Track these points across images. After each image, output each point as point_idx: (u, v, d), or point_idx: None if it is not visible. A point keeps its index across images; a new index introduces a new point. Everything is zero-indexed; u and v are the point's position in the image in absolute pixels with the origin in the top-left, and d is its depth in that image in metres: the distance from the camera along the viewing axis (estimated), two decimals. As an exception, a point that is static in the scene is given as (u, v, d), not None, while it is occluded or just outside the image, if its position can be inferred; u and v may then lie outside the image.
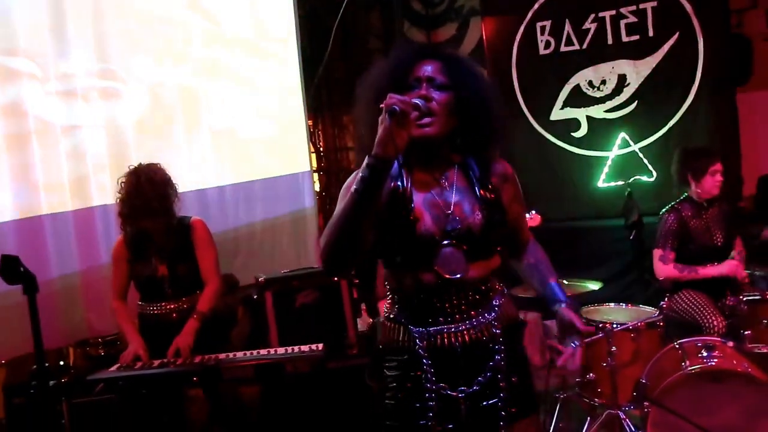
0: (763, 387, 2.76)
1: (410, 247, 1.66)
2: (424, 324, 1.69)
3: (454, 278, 1.65)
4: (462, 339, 1.68)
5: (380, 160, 1.51)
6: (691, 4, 4.94)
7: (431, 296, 1.68)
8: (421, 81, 1.67)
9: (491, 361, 1.69)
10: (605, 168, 5.27)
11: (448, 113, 1.66)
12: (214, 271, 3.12)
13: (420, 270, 1.67)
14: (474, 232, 1.67)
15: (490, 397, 1.69)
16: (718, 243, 3.66)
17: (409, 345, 1.70)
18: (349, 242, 1.58)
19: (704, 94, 4.98)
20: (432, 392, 1.67)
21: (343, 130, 6.60)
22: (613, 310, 3.61)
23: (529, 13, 5.44)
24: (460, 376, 1.68)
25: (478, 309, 1.70)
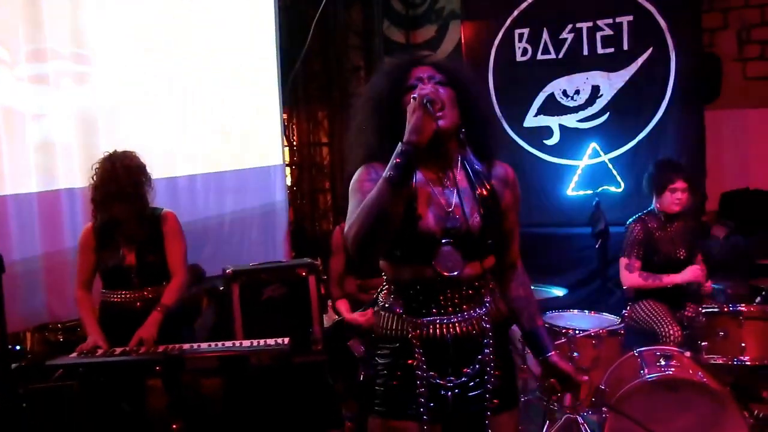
0: (717, 397, 2.84)
1: (411, 242, 1.71)
2: (418, 315, 1.75)
3: (451, 276, 1.72)
4: (453, 331, 1.75)
5: (414, 146, 1.57)
6: (666, 22, 5.04)
7: (427, 289, 1.75)
8: (422, 80, 1.73)
9: (480, 354, 1.76)
10: (575, 177, 5.35)
11: (452, 106, 1.71)
12: (181, 264, 3.09)
13: (418, 265, 1.73)
14: (472, 233, 1.73)
15: (476, 389, 1.76)
16: (681, 256, 3.74)
17: (403, 334, 1.76)
18: (382, 228, 1.62)
19: (674, 109, 5.09)
20: (422, 380, 1.73)
21: (317, 126, 6.58)
22: (576, 317, 3.67)
23: (508, 20, 5.49)
24: (450, 367, 1.75)
25: (471, 304, 1.77)
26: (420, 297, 1.76)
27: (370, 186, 1.68)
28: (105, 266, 3.04)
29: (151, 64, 4.17)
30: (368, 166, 1.78)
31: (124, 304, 3.02)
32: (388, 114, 1.74)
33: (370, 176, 1.74)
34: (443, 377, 1.75)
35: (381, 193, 1.59)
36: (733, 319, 3.27)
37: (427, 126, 1.59)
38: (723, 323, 3.30)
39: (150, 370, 2.76)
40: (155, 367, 2.73)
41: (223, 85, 4.71)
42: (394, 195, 1.59)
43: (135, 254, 3.02)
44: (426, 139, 1.59)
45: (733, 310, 3.31)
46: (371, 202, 1.61)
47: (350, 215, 1.70)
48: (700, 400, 2.85)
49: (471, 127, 1.76)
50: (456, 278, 1.73)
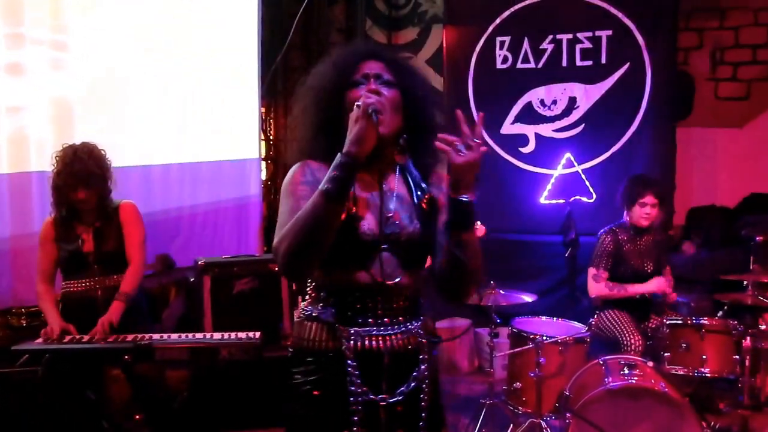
0: (676, 407, 2.91)
1: (348, 246, 1.59)
2: (352, 324, 1.62)
3: (390, 283, 1.61)
4: (390, 344, 1.63)
5: (354, 157, 1.48)
6: (644, 38, 5.14)
7: (364, 297, 1.62)
8: (369, 77, 1.63)
9: (416, 371, 1.66)
10: (548, 185, 5.42)
11: (395, 111, 1.61)
12: (138, 249, 3.07)
13: (355, 270, 1.61)
14: (413, 240, 1.64)
15: (410, 408, 1.65)
16: (648, 270, 3.83)
17: (334, 345, 1.62)
18: (317, 245, 1.51)
19: (647, 124, 5.19)
20: (356, 396, 1.60)
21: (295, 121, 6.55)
22: (544, 323, 3.73)
23: (490, 27, 5.54)
24: (384, 383, 1.63)
25: (407, 316, 1.67)
26: (356, 305, 1.62)
27: (303, 190, 1.59)
28: (64, 252, 3.01)
29: (128, 53, 4.10)
30: (303, 164, 1.67)
31: (85, 293, 2.99)
32: (328, 108, 1.64)
33: (305, 178, 1.63)
34: (376, 394, 1.61)
35: (316, 206, 1.47)
36: (695, 332, 3.37)
37: (369, 137, 1.49)
38: (685, 335, 3.40)
39: (118, 358, 2.73)
40: (124, 356, 2.70)
41: (202, 76, 4.67)
42: (331, 209, 1.47)
43: (93, 240, 3.01)
44: (368, 151, 1.50)
45: (695, 323, 3.40)
46: (305, 216, 1.48)
47: (280, 223, 1.58)
48: (661, 409, 2.92)
49: (414, 132, 1.66)
50: (394, 287, 1.62)
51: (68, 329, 2.83)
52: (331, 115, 1.62)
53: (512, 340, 3.52)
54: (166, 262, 4.36)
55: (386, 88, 1.62)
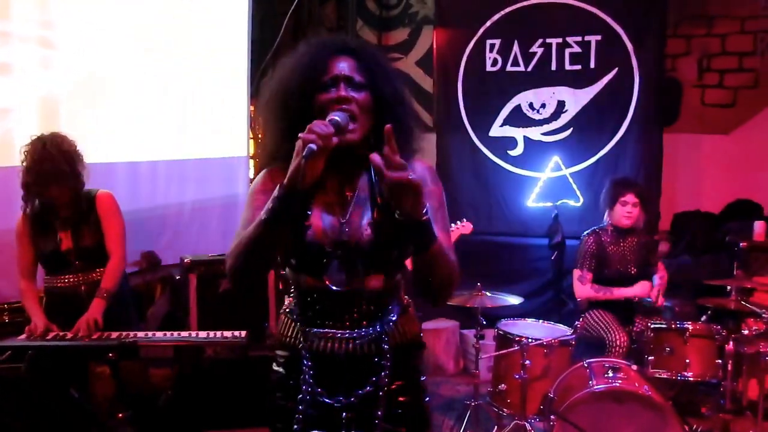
0: (659, 410, 2.94)
1: (299, 252, 1.59)
2: (312, 325, 1.63)
3: (339, 290, 1.59)
4: (346, 347, 1.61)
5: (291, 194, 1.43)
6: (632, 44, 5.18)
7: (323, 300, 1.61)
8: (338, 80, 1.56)
9: (375, 376, 1.61)
10: (536, 188, 5.45)
11: (366, 114, 1.56)
12: (118, 243, 3.01)
13: (310, 275, 1.61)
14: (362, 246, 1.58)
15: (369, 412, 1.61)
16: (632, 271, 3.86)
17: (295, 343, 1.65)
18: (257, 265, 1.55)
19: (634, 129, 5.23)
20: (308, 395, 1.61)
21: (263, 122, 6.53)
22: (529, 326, 3.74)
23: (481, 30, 5.55)
24: (341, 385, 1.62)
25: (371, 320, 1.62)
26: (316, 306, 1.62)
27: (259, 200, 1.55)
28: (42, 252, 2.97)
29: (116, 50, 4.08)
30: (269, 171, 1.64)
31: (67, 288, 2.96)
32: (295, 111, 1.55)
33: (265, 187, 1.59)
34: (332, 396, 1.61)
35: (257, 232, 1.47)
36: (679, 336, 3.39)
37: (309, 172, 1.43)
38: (669, 339, 3.42)
39: (102, 356, 2.71)
40: (108, 354, 2.68)
41: (190, 74, 4.64)
42: (270, 236, 1.47)
43: (71, 237, 2.95)
44: (309, 185, 1.45)
45: (679, 327, 3.43)
46: (247, 240, 1.49)
47: (237, 232, 1.59)
48: (644, 412, 2.95)
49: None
50: (351, 292, 1.59)
51: (51, 328, 2.80)
52: (299, 119, 1.51)
53: (498, 342, 3.53)
54: (152, 260, 4.34)
55: (356, 91, 1.56)
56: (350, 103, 1.53)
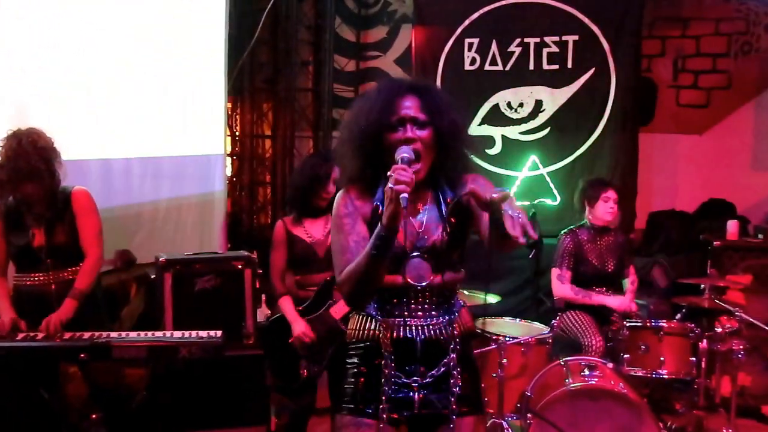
0: (635, 408, 2.96)
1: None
2: (391, 316, 1.90)
3: (419, 285, 1.88)
4: (422, 334, 1.89)
5: (389, 230, 1.72)
6: (609, 44, 5.22)
7: (400, 295, 1.90)
8: (405, 121, 1.84)
9: (446, 357, 1.89)
10: (514, 187, 5.46)
11: (429, 150, 1.85)
12: (94, 241, 2.96)
13: (391, 274, 1.86)
14: (437, 247, 1.88)
15: (441, 392, 1.88)
16: (609, 269, 3.90)
17: (374, 334, 1.91)
18: (371, 287, 1.84)
19: (611, 129, 5.27)
20: (389, 378, 1.86)
21: (261, 117, 6.49)
22: (507, 324, 3.76)
23: (459, 29, 5.55)
24: (417, 368, 1.88)
25: (440, 311, 1.92)
26: (393, 300, 1.91)
27: (347, 224, 1.89)
28: (14, 248, 2.91)
29: (90, 45, 4.00)
30: (345, 194, 1.94)
31: (37, 287, 2.90)
32: (369, 146, 1.86)
33: (347, 209, 1.91)
34: (409, 377, 1.88)
35: (367, 264, 1.76)
36: (654, 334, 3.43)
37: (400, 215, 1.71)
38: (644, 337, 3.46)
39: (74, 357, 2.66)
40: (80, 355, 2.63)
41: (167, 70, 4.58)
42: (377, 265, 1.76)
43: (44, 234, 2.89)
44: (400, 223, 1.73)
45: (654, 325, 3.47)
46: (359, 270, 1.79)
47: (335, 260, 1.90)
48: (620, 410, 2.97)
49: (446, 162, 1.89)
50: (425, 287, 1.89)
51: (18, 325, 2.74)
52: (371, 152, 1.86)
53: (476, 341, 3.53)
54: (127, 259, 4.28)
55: (420, 129, 1.84)
56: (416, 143, 1.82)
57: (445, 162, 1.90)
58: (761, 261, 4.14)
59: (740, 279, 4.08)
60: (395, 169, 1.71)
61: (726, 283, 3.94)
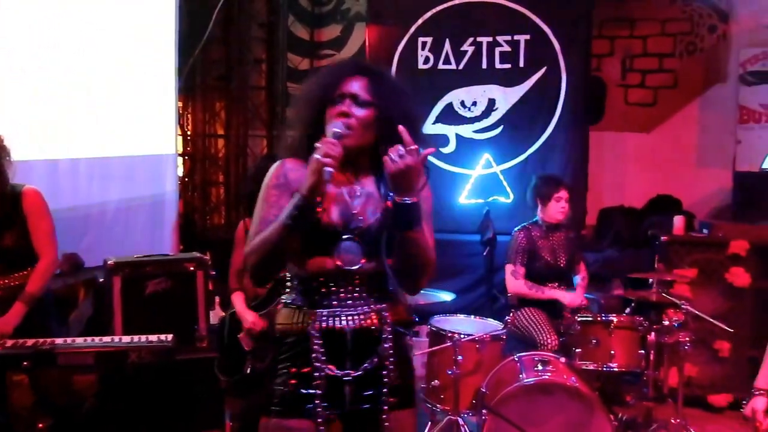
0: (586, 401, 3.02)
1: (314, 236, 1.80)
2: (319, 307, 1.82)
3: (351, 268, 1.81)
4: (352, 323, 1.81)
5: (308, 200, 1.70)
6: (560, 44, 5.31)
7: (328, 281, 1.82)
8: (345, 97, 1.82)
9: (378, 348, 1.82)
10: (468, 185, 5.51)
11: (366, 128, 1.81)
12: (47, 243, 2.86)
13: (320, 257, 1.81)
14: (372, 230, 1.83)
15: (374, 384, 1.82)
16: (561, 264, 3.97)
17: (303, 326, 1.82)
18: (278, 261, 1.81)
19: (562, 127, 5.36)
20: (320, 371, 1.78)
21: (214, 117, 6.40)
22: (461, 321, 3.77)
23: (413, 27, 5.57)
24: (348, 359, 1.81)
25: (371, 299, 1.84)
26: (321, 289, 1.83)
27: (273, 195, 1.84)
28: None
29: (37, 43, 3.88)
30: (281, 165, 1.89)
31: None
32: (310, 118, 1.86)
33: (278, 180, 1.86)
34: (341, 370, 1.81)
35: (279, 233, 1.73)
36: (604, 328, 3.50)
37: (321, 186, 1.71)
38: (595, 332, 3.52)
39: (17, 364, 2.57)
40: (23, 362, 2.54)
41: (116, 68, 4.47)
42: (289, 236, 1.73)
43: None
44: (320, 195, 1.73)
45: (604, 319, 3.53)
46: (268, 239, 1.75)
47: (252, 229, 1.85)
48: (572, 403, 3.02)
49: (390, 145, 1.78)
50: (356, 272, 1.82)
51: None
52: (311, 124, 1.85)
53: (431, 339, 3.54)
54: (74, 262, 4.16)
55: (359, 108, 1.81)
56: (350, 117, 1.80)
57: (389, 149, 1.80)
58: (706, 255, 4.26)
59: (686, 273, 4.19)
60: (325, 141, 1.71)
61: (673, 277, 4.03)
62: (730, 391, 4.21)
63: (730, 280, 4.21)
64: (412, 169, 1.70)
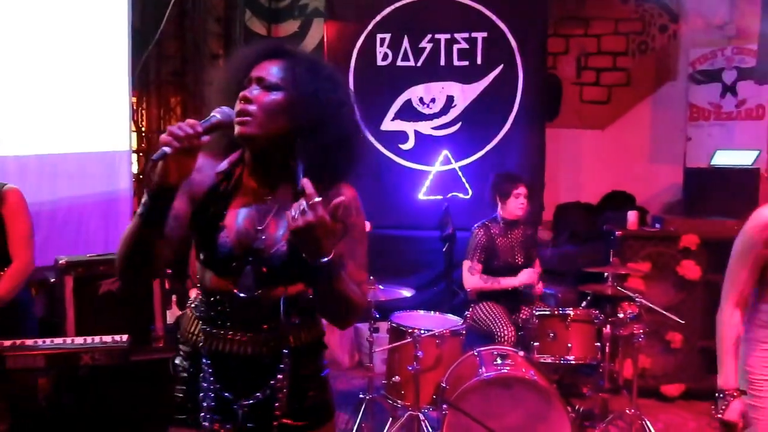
0: (544, 393, 3.06)
1: (211, 252, 1.63)
2: (213, 324, 1.65)
3: (244, 296, 1.60)
4: (244, 350, 1.63)
5: (159, 189, 1.45)
6: (516, 42, 5.37)
7: (227, 302, 1.63)
8: (252, 81, 1.60)
9: (273, 379, 1.63)
10: (427, 182, 5.53)
11: (271, 115, 1.56)
12: (23, 246, 2.82)
13: (217, 275, 1.63)
14: (275, 260, 1.60)
15: (267, 413, 1.64)
16: (518, 262, 4.03)
17: (196, 341, 1.68)
18: (141, 260, 1.53)
19: (519, 124, 5.42)
20: (210, 391, 1.64)
21: (169, 112, 6.26)
22: (421, 317, 3.80)
23: (371, 24, 5.56)
24: (240, 385, 1.64)
25: (270, 326, 1.63)
26: (218, 307, 1.64)
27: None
28: None
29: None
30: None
31: None
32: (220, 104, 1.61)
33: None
34: (231, 393, 1.63)
35: (133, 227, 1.50)
36: (561, 322, 3.56)
37: (175, 170, 1.44)
38: (553, 325, 3.58)
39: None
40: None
41: (67, 63, 4.33)
42: (146, 231, 1.48)
43: None
44: (176, 182, 1.45)
45: (561, 313, 3.60)
46: (127, 234, 1.51)
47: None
48: (531, 396, 3.07)
49: (305, 140, 1.57)
50: (256, 300, 1.60)
51: None
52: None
53: (391, 335, 3.55)
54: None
55: (264, 92, 1.58)
56: (251, 103, 1.56)
57: (308, 148, 1.56)
58: (658, 249, 4.37)
59: (640, 266, 4.29)
60: (188, 122, 1.46)
61: (627, 271, 4.12)
62: (682, 381, 4.34)
63: (681, 273, 4.32)
64: (315, 228, 1.39)
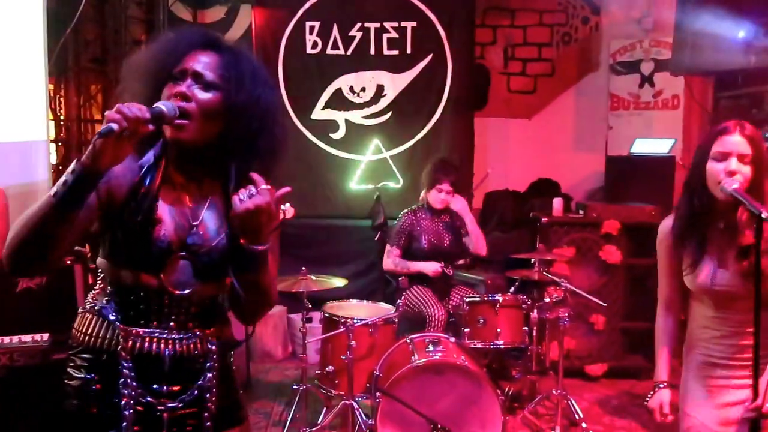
0: (475, 378, 3.14)
1: (143, 248, 1.52)
2: (134, 324, 1.54)
3: (178, 293, 1.55)
4: (172, 348, 1.56)
5: (88, 169, 1.32)
6: (445, 31, 5.43)
7: (150, 300, 1.55)
8: (187, 75, 1.50)
9: (200, 379, 1.59)
10: (358, 171, 5.54)
11: (208, 117, 1.49)
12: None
13: (144, 273, 1.53)
14: (214, 254, 1.57)
15: (194, 416, 1.59)
16: (445, 245, 4.11)
17: (110, 345, 1.54)
18: (40, 247, 1.38)
19: (448, 113, 5.50)
20: (130, 398, 1.52)
21: (89, 100, 6.01)
22: (354, 306, 3.81)
23: (300, 11, 5.49)
24: (165, 387, 1.56)
25: (197, 323, 1.59)
26: (140, 306, 1.55)
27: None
28: None
29: None
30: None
31: None
32: (143, 98, 1.48)
33: None
34: (156, 398, 1.55)
35: (44, 209, 1.35)
36: (491, 307, 3.64)
37: (111, 153, 1.33)
38: (482, 311, 3.66)
39: None
40: None
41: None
42: (58, 215, 1.35)
43: None
44: (106, 166, 1.34)
45: (490, 299, 3.68)
46: (33, 214, 1.36)
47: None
48: (462, 381, 3.13)
49: (237, 137, 1.53)
50: (183, 296, 1.55)
51: None
52: (145, 103, 1.43)
53: (324, 325, 3.55)
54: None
55: (203, 91, 1.49)
56: (189, 101, 1.48)
57: (237, 148, 1.54)
58: (582, 234, 4.52)
59: (565, 252, 4.43)
60: (127, 103, 1.35)
61: (553, 257, 4.25)
62: (605, 361, 4.52)
63: (603, 257, 4.50)
64: (262, 212, 1.41)
